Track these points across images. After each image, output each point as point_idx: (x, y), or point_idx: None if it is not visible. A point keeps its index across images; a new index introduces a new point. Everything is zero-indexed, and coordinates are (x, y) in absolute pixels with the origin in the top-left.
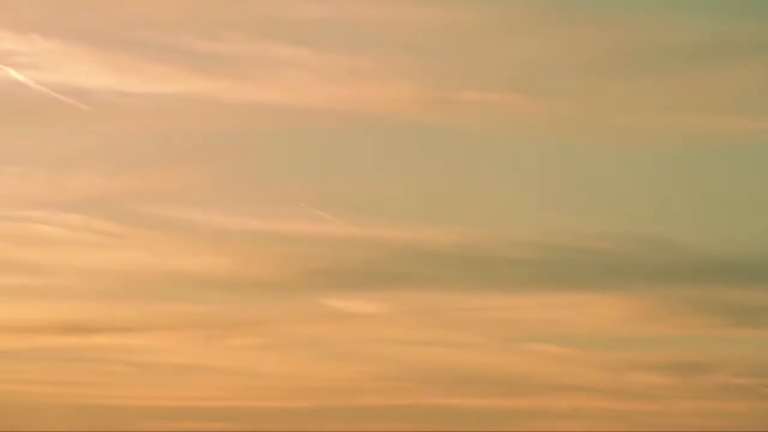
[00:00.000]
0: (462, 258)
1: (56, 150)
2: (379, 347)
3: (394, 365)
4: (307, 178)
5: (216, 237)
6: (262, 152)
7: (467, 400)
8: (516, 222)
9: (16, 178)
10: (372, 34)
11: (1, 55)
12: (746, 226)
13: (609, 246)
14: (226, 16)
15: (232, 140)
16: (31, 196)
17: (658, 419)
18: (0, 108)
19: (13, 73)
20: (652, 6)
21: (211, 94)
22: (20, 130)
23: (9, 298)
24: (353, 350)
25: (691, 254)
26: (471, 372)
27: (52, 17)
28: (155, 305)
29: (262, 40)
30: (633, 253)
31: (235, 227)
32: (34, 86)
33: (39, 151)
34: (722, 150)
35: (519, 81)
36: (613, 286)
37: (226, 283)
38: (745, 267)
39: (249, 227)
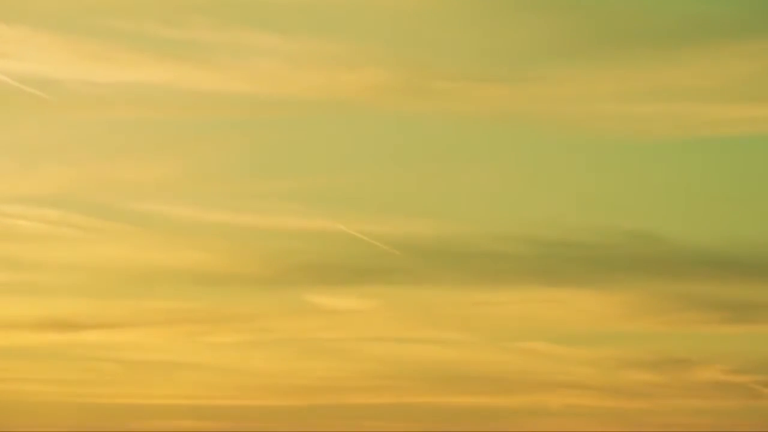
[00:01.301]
0: (446, 253)
1: (25, 142)
2: (364, 344)
3: (379, 363)
4: (285, 170)
5: (195, 231)
6: (236, 143)
7: (455, 398)
8: (500, 215)
9: None
10: (344, 20)
11: None
12: (737, 221)
13: (597, 240)
14: (193, 0)
15: (205, 130)
16: (3, 189)
17: (649, 417)
18: None
19: None
20: None
21: (181, 83)
22: None
23: None
24: (338, 347)
25: (681, 249)
26: (458, 369)
27: (15, 3)
28: (137, 301)
29: (232, 26)
30: (622, 248)
31: (214, 221)
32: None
33: (6, 143)
34: (711, 141)
35: (498, 68)
36: (601, 282)
37: (208, 279)
38: (737, 262)
39: (228, 221)
